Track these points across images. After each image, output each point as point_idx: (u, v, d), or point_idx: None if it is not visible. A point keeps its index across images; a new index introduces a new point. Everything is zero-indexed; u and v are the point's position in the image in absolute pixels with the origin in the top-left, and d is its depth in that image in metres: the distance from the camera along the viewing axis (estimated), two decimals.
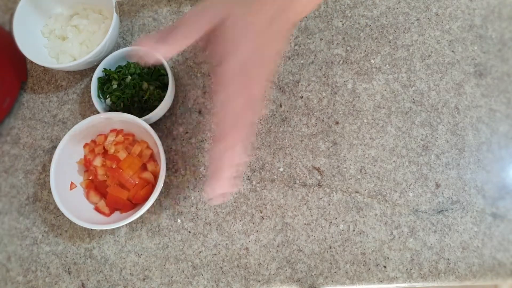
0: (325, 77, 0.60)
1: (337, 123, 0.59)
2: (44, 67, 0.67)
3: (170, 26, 0.44)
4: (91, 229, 0.60)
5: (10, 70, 0.66)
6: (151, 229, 0.59)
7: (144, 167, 0.57)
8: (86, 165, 0.59)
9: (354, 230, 0.54)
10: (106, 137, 0.59)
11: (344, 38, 0.61)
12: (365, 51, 0.60)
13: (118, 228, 0.59)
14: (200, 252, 0.57)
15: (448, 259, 0.52)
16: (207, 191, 0.39)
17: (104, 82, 0.62)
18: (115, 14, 0.61)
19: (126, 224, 0.58)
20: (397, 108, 0.58)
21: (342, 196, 0.56)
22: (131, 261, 0.58)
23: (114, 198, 0.56)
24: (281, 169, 0.58)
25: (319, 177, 0.57)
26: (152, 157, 0.59)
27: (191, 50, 0.65)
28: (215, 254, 0.56)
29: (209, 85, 0.63)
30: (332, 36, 0.62)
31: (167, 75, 0.60)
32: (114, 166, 0.55)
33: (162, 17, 0.67)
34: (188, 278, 0.56)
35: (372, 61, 0.60)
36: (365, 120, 0.58)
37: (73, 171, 0.59)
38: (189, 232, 0.58)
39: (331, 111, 0.59)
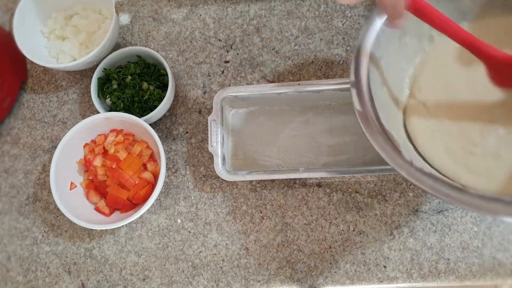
0: (325, 77, 0.60)
1: None
2: (44, 67, 0.67)
3: None
4: (91, 229, 0.60)
5: (10, 70, 0.66)
6: (151, 229, 0.59)
7: (144, 167, 0.57)
8: (86, 165, 0.59)
9: (354, 230, 0.54)
10: (106, 137, 0.59)
11: (344, 38, 0.61)
12: None
13: (118, 228, 0.59)
14: (200, 252, 0.57)
15: (448, 259, 0.52)
16: None
17: (104, 82, 0.62)
18: (115, 14, 0.61)
19: (126, 224, 0.58)
20: None
21: (342, 196, 0.56)
22: (131, 261, 0.58)
23: (114, 198, 0.56)
24: None
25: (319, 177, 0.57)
26: (152, 157, 0.59)
27: (191, 50, 0.65)
28: (215, 254, 0.56)
29: (209, 85, 0.63)
30: (332, 36, 0.62)
31: (167, 75, 0.60)
32: (114, 166, 0.56)
33: (162, 17, 0.67)
34: (188, 278, 0.56)
35: None
36: None
37: (73, 171, 0.59)
38: (189, 232, 0.58)
39: None
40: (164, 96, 0.59)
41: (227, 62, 0.63)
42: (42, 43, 0.66)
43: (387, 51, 0.46)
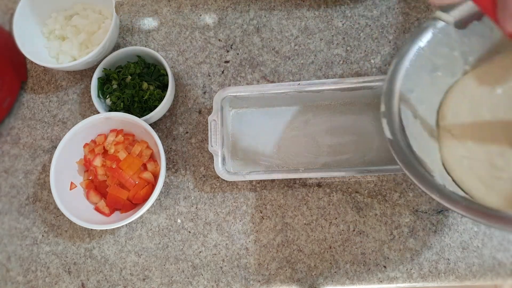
0: (325, 77, 0.60)
1: None
2: (44, 67, 0.67)
3: None
4: (91, 229, 0.60)
5: (10, 70, 0.66)
6: (151, 229, 0.59)
7: (144, 167, 0.57)
8: (86, 165, 0.59)
9: (354, 230, 0.54)
10: (106, 137, 0.59)
11: (344, 38, 0.61)
12: (365, 51, 0.60)
13: (118, 228, 0.59)
14: (200, 252, 0.57)
15: (448, 259, 0.52)
16: None
17: (104, 82, 0.62)
18: (115, 14, 0.61)
19: (126, 224, 0.58)
20: None
21: (342, 196, 0.56)
22: (131, 261, 0.58)
23: (114, 198, 0.56)
24: None
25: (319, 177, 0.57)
26: (152, 157, 0.59)
27: (191, 50, 0.65)
28: (215, 254, 0.56)
29: (209, 85, 0.63)
30: (332, 36, 0.62)
31: (167, 75, 0.60)
32: (114, 166, 0.56)
33: (162, 17, 0.67)
34: (188, 278, 0.56)
35: (372, 61, 0.60)
36: None
37: (73, 171, 0.59)
38: (189, 232, 0.58)
39: None
40: (164, 96, 0.59)
41: (227, 62, 0.63)
42: (42, 43, 0.66)
43: (418, 84, 0.48)
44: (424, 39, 0.46)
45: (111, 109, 0.62)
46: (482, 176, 0.45)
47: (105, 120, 0.58)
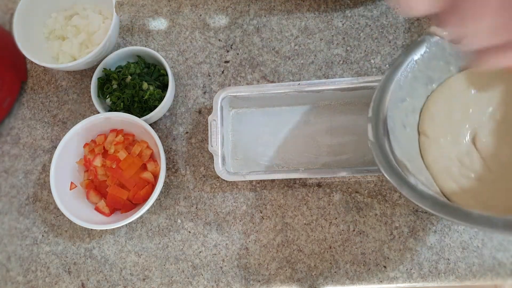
0: (325, 77, 0.60)
1: None
2: (44, 67, 0.67)
3: None
4: (91, 229, 0.60)
5: (10, 70, 0.66)
6: (151, 229, 0.59)
7: (144, 167, 0.57)
8: (86, 165, 0.59)
9: (354, 230, 0.54)
10: (106, 137, 0.59)
11: (344, 38, 0.61)
12: (365, 51, 0.60)
13: (118, 228, 0.59)
14: (200, 252, 0.57)
15: (448, 259, 0.52)
16: None
17: (104, 82, 0.62)
18: (115, 14, 0.61)
19: (126, 224, 0.58)
20: None
21: (342, 196, 0.56)
22: (131, 261, 0.58)
23: (114, 198, 0.56)
24: None
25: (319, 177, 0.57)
26: (152, 157, 0.59)
27: (191, 50, 0.65)
28: (215, 254, 0.56)
29: (209, 85, 0.63)
30: (332, 36, 0.62)
31: (167, 75, 0.60)
32: (114, 166, 0.56)
33: (162, 17, 0.67)
34: (188, 278, 0.56)
35: (372, 61, 0.60)
36: None
37: (73, 171, 0.59)
38: (189, 232, 0.58)
39: None
40: (164, 96, 0.59)
41: (227, 62, 0.63)
42: (42, 43, 0.66)
43: (411, 95, 0.48)
44: (418, 53, 0.47)
45: (111, 109, 0.62)
46: (453, 174, 0.46)
47: (105, 120, 0.58)
